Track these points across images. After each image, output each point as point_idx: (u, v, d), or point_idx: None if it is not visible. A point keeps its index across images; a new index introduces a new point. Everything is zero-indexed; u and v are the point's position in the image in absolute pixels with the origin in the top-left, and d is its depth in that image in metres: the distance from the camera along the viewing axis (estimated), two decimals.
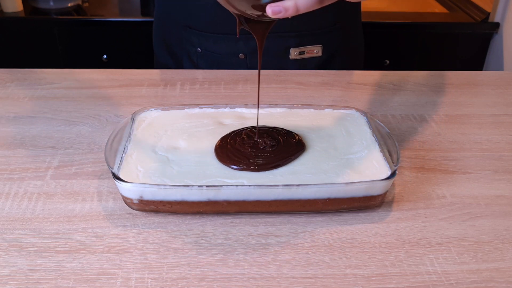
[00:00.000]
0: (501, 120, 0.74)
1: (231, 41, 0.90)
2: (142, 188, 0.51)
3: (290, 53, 0.90)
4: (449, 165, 0.64)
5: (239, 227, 0.53)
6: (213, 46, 0.90)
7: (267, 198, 0.52)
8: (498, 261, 0.49)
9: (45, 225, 0.52)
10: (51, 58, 1.61)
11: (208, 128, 0.62)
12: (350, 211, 0.55)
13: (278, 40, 0.89)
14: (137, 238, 0.51)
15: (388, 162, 0.56)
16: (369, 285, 0.46)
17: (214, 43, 0.90)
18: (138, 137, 0.60)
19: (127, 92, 0.80)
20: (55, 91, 0.80)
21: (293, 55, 0.90)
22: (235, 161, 0.55)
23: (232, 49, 0.90)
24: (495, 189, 0.59)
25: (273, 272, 0.48)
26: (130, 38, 1.62)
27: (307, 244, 0.51)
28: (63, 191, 0.57)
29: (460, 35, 1.60)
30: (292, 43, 0.89)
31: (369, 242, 0.51)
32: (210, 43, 0.90)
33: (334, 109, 0.67)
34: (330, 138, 0.61)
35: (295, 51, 0.89)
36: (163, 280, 0.46)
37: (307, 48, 0.90)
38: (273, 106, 0.67)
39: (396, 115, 0.75)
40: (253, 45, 0.89)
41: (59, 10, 1.64)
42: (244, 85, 0.83)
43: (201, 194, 0.51)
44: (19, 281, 0.46)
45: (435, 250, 0.50)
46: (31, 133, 0.68)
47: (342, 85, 0.84)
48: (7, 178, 0.59)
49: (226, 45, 0.90)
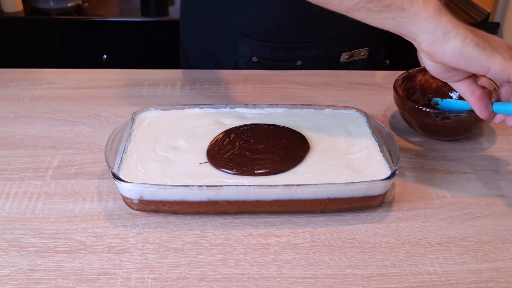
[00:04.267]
0: None
1: (290, 50, 0.90)
2: (142, 188, 0.51)
3: (342, 57, 0.93)
4: (449, 165, 0.64)
5: (239, 227, 0.53)
6: (270, 55, 0.90)
7: (267, 198, 0.52)
8: (498, 261, 0.49)
9: (45, 225, 0.52)
10: (51, 58, 1.61)
11: (208, 128, 0.62)
12: (350, 211, 0.55)
13: (335, 46, 0.91)
14: (137, 238, 0.51)
15: (388, 162, 0.56)
16: (369, 285, 0.46)
17: (272, 53, 0.90)
18: (138, 137, 0.60)
19: (127, 92, 0.80)
20: (55, 91, 0.80)
21: (344, 59, 0.93)
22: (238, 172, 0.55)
23: (290, 57, 0.91)
24: (495, 189, 0.59)
25: (273, 272, 0.48)
26: (130, 38, 1.62)
27: (307, 244, 0.51)
28: (63, 191, 0.57)
29: None
30: (346, 48, 0.92)
31: (369, 242, 0.51)
32: (267, 52, 0.90)
33: (334, 109, 0.67)
34: (330, 138, 0.61)
35: (346, 55, 0.93)
36: (163, 280, 0.46)
37: (356, 52, 0.93)
38: (273, 106, 0.67)
39: (396, 115, 0.75)
40: (312, 53, 0.90)
41: (59, 10, 1.64)
42: (244, 85, 0.83)
43: (201, 194, 0.51)
44: (19, 281, 0.46)
45: (435, 250, 0.50)
46: (31, 133, 0.68)
47: (342, 85, 0.84)
48: (7, 178, 0.59)
49: (283, 54, 0.90)
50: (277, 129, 0.62)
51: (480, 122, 0.66)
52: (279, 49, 0.90)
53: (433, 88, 0.75)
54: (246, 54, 0.91)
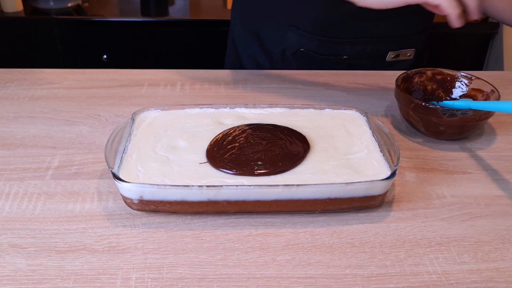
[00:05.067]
0: (501, 120, 0.74)
1: (337, 44, 0.91)
2: (142, 188, 0.51)
3: (388, 55, 0.93)
4: (449, 165, 0.64)
5: (239, 227, 0.53)
6: (317, 48, 0.91)
7: (267, 198, 0.52)
8: (498, 261, 0.49)
9: (45, 225, 0.52)
10: (51, 58, 1.61)
11: (208, 128, 0.62)
12: (350, 211, 0.55)
13: (382, 44, 0.92)
14: (137, 238, 0.51)
15: (388, 162, 0.56)
16: (369, 285, 0.46)
17: (319, 46, 0.91)
18: (138, 137, 0.60)
19: (127, 92, 0.80)
20: (55, 91, 0.80)
21: (390, 58, 0.94)
22: (238, 172, 0.55)
23: (336, 52, 0.92)
24: (495, 189, 0.59)
25: (273, 272, 0.48)
26: (130, 38, 1.62)
27: (307, 244, 0.51)
28: (63, 191, 0.57)
29: (460, 35, 1.60)
30: (392, 46, 0.93)
31: (369, 242, 0.51)
32: (315, 45, 0.91)
33: (334, 109, 0.67)
34: (330, 138, 0.61)
35: (393, 54, 0.93)
36: (163, 280, 0.46)
37: (402, 52, 0.94)
38: (273, 106, 0.67)
39: (396, 115, 0.75)
40: (358, 49, 0.91)
41: (59, 10, 1.64)
42: (244, 85, 0.83)
43: (201, 194, 0.51)
44: (19, 281, 0.46)
45: (435, 250, 0.50)
46: (31, 133, 0.68)
47: (342, 85, 0.84)
48: (7, 178, 0.59)
49: (330, 48, 0.91)
50: (277, 129, 0.62)
51: (482, 121, 0.66)
52: (326, 43, 0.91)
53: (429, 90, 0.75)
54: (294, 45, 0.92)
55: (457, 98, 0.74)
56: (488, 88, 0.70)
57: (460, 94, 0.74)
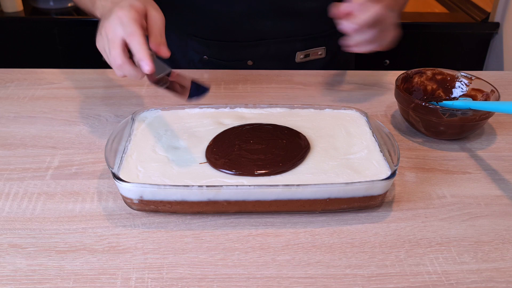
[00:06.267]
0: (501, 120, 0.74)
1: (238, 49, 0.90)
2: (142, 188, 0.51)
3: (296, 56, 0.92)
4: (449, 165, 0.64)
5: (239, 227, 0.53)
6: (219, 53, 0.91)
7: (267, 198, 0.52)
8: (498, 261, 0.49)
9: (45, 225, 0.52)
10: (51, 58, 1.61)
11: (208, 128, 0.62)
12: (350, 211, 0.55)
13: (286, 45, 0.90)
14: (137, 238, 0.51)
15: (388, 162, 0.56)
16: (369, 285, 0.46)
17: (220, 51, 0.90)
18: (138, 137, 0.60)
19: (127, 92, 0.80)
20: (55, 91, 0.80)
21: (299, 58, 0.92)
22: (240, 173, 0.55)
23: (239, 56, 0.91)
24: (495, 189, 0.59)
25: (273, 272, 0.48)
26: None
27: (307, 244, 0.51)
28: (63, 191, 0.57)
29: (460, 35, 1.60)
30: (298, 46, 0.91)
31: (369, 242, 0.51)
32: (216, 50, 0.91)
33: (334, 109, 0.67)
34: (330, 138, 0.61)
35: (301, 54, 0.92)
36: (163, 280, 0.46)
37: (312, 51, 0.92)
38: (273, 106, 0.67)
39: (396, 115, 0.75)
40: (262, 51, 0.90)
41: (59, 10, 1.64)
42: (244, 85, 0.83)
43: (201, 194, 0.51)
44: (19, 281, 0.46)
45: (435, 250, 0.50)
46: (31, 133, 0.68)
47: (342, 85, 0.84)
48: (7, 178, 0.59)
49: (232, 53, 0.91)
50: (277, 129, 0.62)
51: (482, 122, 0.66)
52: (227, 48, 0.90)
53: (429, 90, 0.75)
54: (197, 52, 0.92)
55: (457, 98, 0.74)
56: (488, 88, 0.70)
57: (460, 94, 0.74)
